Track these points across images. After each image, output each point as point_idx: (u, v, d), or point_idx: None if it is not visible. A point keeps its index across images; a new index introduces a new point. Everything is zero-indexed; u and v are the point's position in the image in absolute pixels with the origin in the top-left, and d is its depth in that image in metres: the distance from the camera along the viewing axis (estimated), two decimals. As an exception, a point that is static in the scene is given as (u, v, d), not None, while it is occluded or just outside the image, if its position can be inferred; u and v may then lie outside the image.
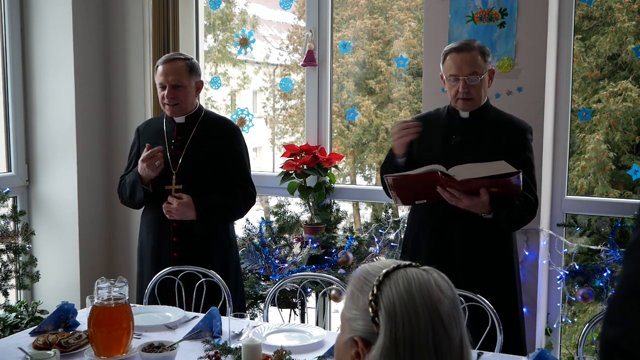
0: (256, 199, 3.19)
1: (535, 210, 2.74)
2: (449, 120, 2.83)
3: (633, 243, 0.96)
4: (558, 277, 3.39)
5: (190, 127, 3.10)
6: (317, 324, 3.14)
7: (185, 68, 3.03)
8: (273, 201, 4.25)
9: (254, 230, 3.81)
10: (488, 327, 2.45)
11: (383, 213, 3.71)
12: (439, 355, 1.14)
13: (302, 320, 3.65)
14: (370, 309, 1.17)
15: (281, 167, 3.79)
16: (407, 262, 1.23)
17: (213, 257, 3.08)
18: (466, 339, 1.19)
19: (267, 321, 2.76)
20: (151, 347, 2.17)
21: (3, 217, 3.75)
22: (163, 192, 3.02)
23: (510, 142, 2.74)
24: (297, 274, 3.15)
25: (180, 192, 3.00)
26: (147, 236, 3.14)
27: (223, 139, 3.09)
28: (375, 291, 1.17)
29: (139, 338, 2.36)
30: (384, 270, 1.20)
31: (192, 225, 3.03)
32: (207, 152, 3.06)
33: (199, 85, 3.12)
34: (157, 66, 3.06)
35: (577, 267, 3.28)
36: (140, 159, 2.97)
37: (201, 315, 2.55)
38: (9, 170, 4.06)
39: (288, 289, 3.48)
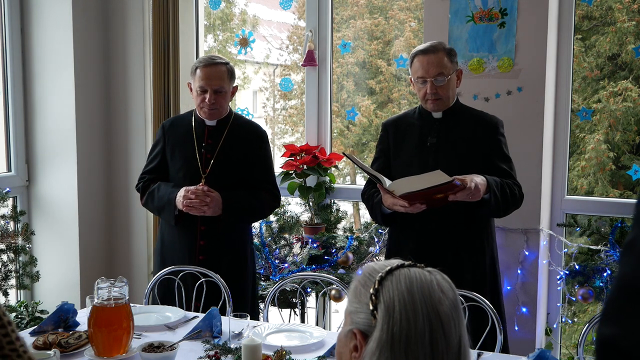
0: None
1: (522, 198, 2.77)
2: (422, 121, 2.85)
3: (630, 242, 0.96)
4: (558, 277, 3.39)
5: (220, 131, 3.07)
6: (317, 324, 3.14)
7: (227, 73, 3.01)
8: (273, 201, 4.25)
9: (254, 230, 3.81)
10: (488, 327, 2.45)
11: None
12: (435, 355, 1.15)
13: (302, 320, 3.65)
14: (370, 303, 1.19)
15: (281, 167, 3.79)
16: (412, 262, 1.25)
17: (237, 260, 3.08)
18: (465, 341, 1.20)
19: (267, 321, 2.77)
20: (151, 347, 2.17)
21: (3, 217, 3.74)
22: None
23: (485, 138, 2.78)
24: (297, 274, 3.15)
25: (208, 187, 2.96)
26: (171, 238, 3.10)
27: (252, 144, 3.09)
28: (376, 286, 1.20)
29: (139, 338, 2.36)
30: (388, 267, 1.23)
31: (218, 228, 3.02)
32: (237, 157, 3.05)
33: (234, 90, 3.10)
34: (196, 68, 3.00)
35: (577, 267, 3.28)
36: (187, 192, 2.90)
37: (201, 315, 2.55)
38: (9, 170, 4.06)
39: (288, 289, 3.48)
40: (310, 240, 3.69)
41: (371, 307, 1.19)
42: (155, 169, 3.11)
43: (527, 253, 3.34)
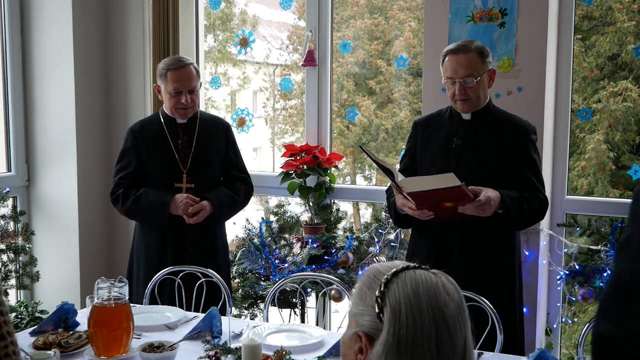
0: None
1: (546, 209, 2.74)
2: (450, 122, 2.81)
3: (625, 240, 0.97)
4: (558, 277, 3.39)
5: (191, 127, 3.20)
6: (317, 324, 3.14)
7: (195, 72, 3.15)
8: (273, 201, 4.26)
9: (254, 230, 3.81)
10: (488, 327, 2.45)
11: (383, 213, 3.71)
12: (441, 357, 1.15)
13: (302, 320, 3.65)
14: (376, 306, 1.18)
15: (281, 167, 3.79)
16: (417, 264, 1.25)
17: (219, 250, 3.25)
18: (470, 343, 1.21)
19: (267, 321, 2.77)
20: (151, 347, 2.18)
21: (3, 217, 3.74)
22: (172, 190, 3.11)
23: (513, 143, 2.72)
24: (297, 274, 3.15)
25: (190, 193, 3.09)
26: (158, 235, 3.15)
27: (221, 136, 3.25)
28: (382, 288, 1.20)
29: (139, 338, 2.36)
30: (393, 270, 1.23)
31: (205, 221, 3.12)
32: (212, 149, 3.20)
33: (200, 86, 3.25)
34: (167, 72, 3.08)
35: (577, 267, 3.28)
36: (186, 199, 3.04)
37: (201, 315, 2.55)
38: (9, 170, 4.06)
39: (288, 289, 3.48)
40: (310, 240, 3.69)
41: (377, 310, 1.18)
42: (132, 174, 3.16)
43: (527, 253, 3.34)
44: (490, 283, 2.68)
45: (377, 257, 3.64)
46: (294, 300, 3.66)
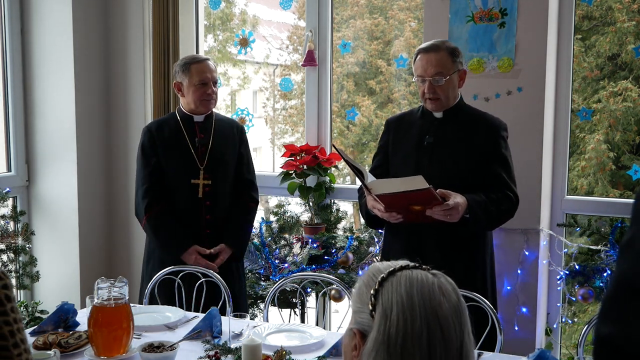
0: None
1: (516, 207, 2.73)
2: (422, 120, 2.83)
3: (627, 241, 0.97)
4: (558, 277, 3.39)
5: (207, 126, 3.24)
6: (317, 324, 3.14)
7: (215, 66, 3.24)
8: (273, 201, 4.26)
9: (254, 230, 3.81)
10: (488, 327, 2.45)
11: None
12: (432, 357, 1.14)
13: (302, 320, 3.65)
14: (369, 303, 1.19)
15: (281, 167, 3.79)
16: (416, 264, 1.25)
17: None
18: (468, 346, 1.19)
19: (267, 321, 2.77)
20: (151, 347, 2.18)
21: (3, 217, 3.75)
22: (189, 186, 3.14)
23: (484, 140, 2.73)
24: (297, 274, 3.15)
25: (207, 190, 3.14)
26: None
27: (236, 137, 3.30)
28: (377, 287, 1.20)
29: (139, 338, 2.36)
30: (391, 268, 1.23)
31: (220, 212, 3.19)
32: (228, 148, 3.25)
33: None
34: (190, 66, 3.13)
35: (577, 267, 3.28)
36: (196, 263, 3.07)
37: (201, 315, 2.55)
38: (9, 170, 4.06)
39: (288, 289, 3.48)
40: (310, 240, 3.69)
41: (370, 308, 1.19)
42: (152, 174, 3.17)
43: (527, 253, 3.34)
44: (463, 282, 2.66)
45: (377, 257, 3.64)
46: (294, 300, 3.66)
